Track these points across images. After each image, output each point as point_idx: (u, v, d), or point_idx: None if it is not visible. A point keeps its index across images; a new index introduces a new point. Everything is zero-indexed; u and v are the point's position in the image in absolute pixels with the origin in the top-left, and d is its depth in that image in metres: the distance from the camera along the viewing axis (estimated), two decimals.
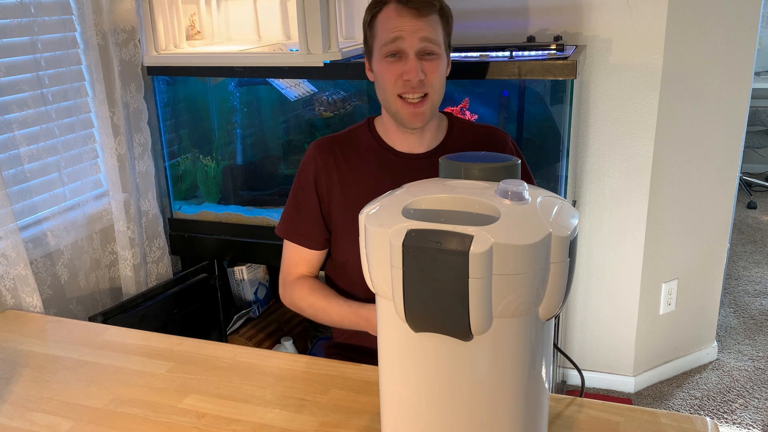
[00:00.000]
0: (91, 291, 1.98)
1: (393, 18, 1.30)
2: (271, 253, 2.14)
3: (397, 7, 1.29)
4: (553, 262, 0.78)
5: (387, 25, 1.30)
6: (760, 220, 4.19)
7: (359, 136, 1.44)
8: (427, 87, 1.31)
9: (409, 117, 1.33)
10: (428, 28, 1.30)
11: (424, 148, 1.41)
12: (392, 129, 1.40)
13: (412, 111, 1.32)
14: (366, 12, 1.35)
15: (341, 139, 1.45)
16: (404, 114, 1.33)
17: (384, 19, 1.31)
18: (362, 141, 1.43)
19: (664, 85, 2.19)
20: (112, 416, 1.17)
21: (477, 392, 0.82)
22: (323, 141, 1.45)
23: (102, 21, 1.89)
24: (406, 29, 1.29)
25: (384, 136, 1.42)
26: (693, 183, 2.39)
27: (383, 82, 1.33)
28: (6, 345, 1.43)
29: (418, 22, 1.29)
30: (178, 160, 2.28)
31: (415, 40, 1.29)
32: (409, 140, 1.40)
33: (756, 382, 2.55)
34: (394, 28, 1.29)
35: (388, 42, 1.30)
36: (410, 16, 1.29)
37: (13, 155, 1.74)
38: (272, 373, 1.27)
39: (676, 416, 1.09)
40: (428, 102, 1.33)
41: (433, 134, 1.41)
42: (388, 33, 1.30)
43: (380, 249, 0.80)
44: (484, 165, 0.90)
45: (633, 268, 2.40)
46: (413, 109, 1.32)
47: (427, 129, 1.39)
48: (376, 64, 1.35)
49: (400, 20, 1.29)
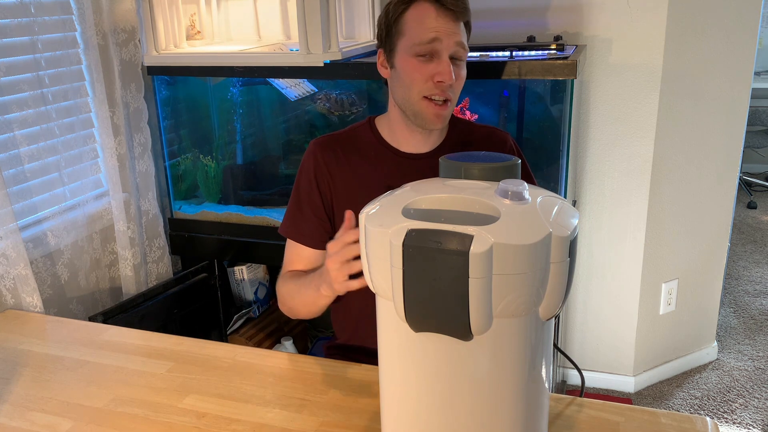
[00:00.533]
0: (91, 291, 1.98)
1: (432, 18, 1.27)
2: (271, 253, 2.14)
3: (436, 8, 1.27)
4: (553, 262, 0.78)
5: (424, 24, 1.27)
6: (760, 220, 4.19)
7: (360, 135, 1.43)
8: (453, 92, 1.31)
9: (433, 117, 1.32)
10: (461, 34, 1.30)
11: (427, 148, 1.40)
12: (400, 128, 1.39)
13: (437, 112, 1.31)
14: (393, 6, 1.31)
15: (342, 137, 1.44)
16: (428, 114, 1.31)
17: (419, 17, 1.28)
18: (363, 140, 1.42)
19: (664, 85, 2.19)
20: (112, 416, 1.17)
21: (477, 392, 0.82)
22: (323, 139, 1.44)
23: (102, 21, 1.89)
24: (443, 31, 1.27)
25: (386, 135, 1.41)
26: (693, 183, 2.39)
27: (410, 82, 1.31)
28: (6, 345, 1.43)
29: (455, 26, 1.28)
30: (178, 160, 2.28)
31: (452, 43, 1.28)
32: (415, 140, 1.39)
33: (756, 382, 2.55)
34: (433, 29, 1.27)
35: (425, 42, 1.27)
36: (449, 18, 1.27)
37: (13, 155, 1.74)
38: (272, 373, 1.27)
39: (676, 416, 1.09)
40: (450, 106, 1.32)
41: (437, 135, 1.41)
42: (425, 32, 1.27)
43: (380, 249, 0.80)
44: (484, 165, 0.90)
45: (633, 268, 2.40)
46: (438, 110, 1.31)
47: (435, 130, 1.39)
48: (402, 62, 1.31)
49: (439, 21, 1.27)
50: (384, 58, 1.36)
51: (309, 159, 1.42)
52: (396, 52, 1.32)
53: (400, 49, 1.31)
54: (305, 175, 1.42)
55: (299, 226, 1.42)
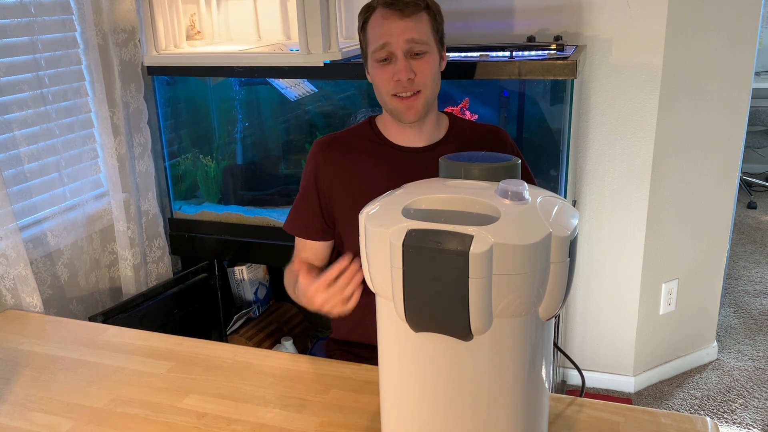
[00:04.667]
0: (91, 291, 1.98)
1: (380, 23, 1.35)
2: (271, 253, 2.14)
3: (383, 12, 1.34)
4: (553, 262, 0.78)
5: (375, 31, 1.36)
6: (760, 220, 4.19)
7: (361, 134, 1.50)
8: (418, 85, 1.36)
9: (404, 111, 1.38)
10: (415, 28, 1.34)
11: (423, 142, 1.45)
12: (392, 125, 1.46)
13: (406, 105, 1.37)
14: (358, 18, 1.41)
15: (343, 137, 1.51)
16: (399, 109, 1.39)
17: (373, 25, 1.37)
18: (364, 138, 1.48)
19: (664, 85, 2.19)
20: (112, 416, 1.17)
21: (477, 392, 0.82)
22: (325, 139, 1.51)
23: (102, 21, 1.89)
24: (392, 32, 1.33)
25: (385, 132, 1.48)
26: (693, 183, 2.39)
27: (378, 85, 1.40)
28: (6, 345, 1.43)
29: (403, 23, 1.33)
30: (178, 160, 2.28)
31: (402, 42, 1.34)
32: (407, 134, 1.45)
33: (756, 382, 2.55)
34: (382, 34, 1.34)
35: (378, 48, 1.35)
36: (395, 18, 1.33)
37: (13, 155, 1.74)
38: (272, 373, 1.27)
39: (676, 416, 1.09)
40: (421, 97, 1.38)
41: (431, 129, 1.46)
42: (377, 39, 1.35)
43: (380, 249, 0.80)
44: (484, 165, 0.90)
45: (633, 268, 2.40)
46: (407, 103, 1.37)
47: (425, 123, 1.44)
48: (371, 68, 1.41)
49: (386, 24, 1.34)
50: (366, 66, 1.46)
51: (311, 159, 1.50)
52: (368, 59, 1.42)
53: (369, 57, 1.41)
54: (306, 174, 1.50)
55: (296, 220, 1.51)
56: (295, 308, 2.47)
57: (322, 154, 1.47)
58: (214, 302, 2.18)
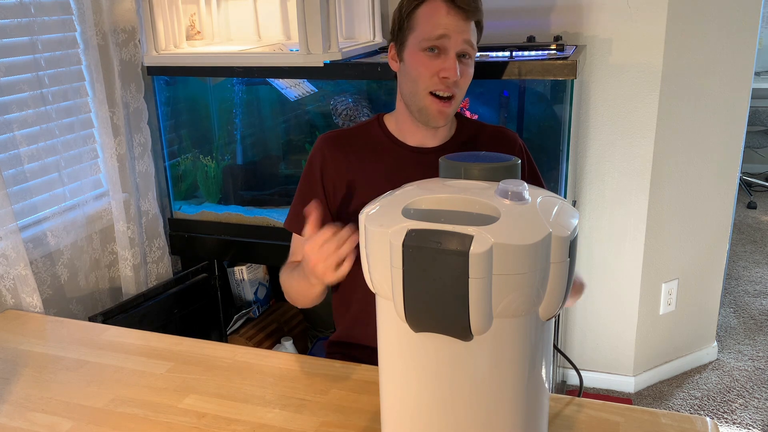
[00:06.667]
0: (91, 291, 1.98)
1: (442, 15, 1.30)
2: (271, 253, 2.14)
3: (447, 5, 1.30)
4: (553, 262, 0.78)
5: (434, 20, 1.30)
6: (760, 220, 4.19)
7: (369, 131, 1.46)
8: (457, 88, 1.33)
9: (436, 114, 1.34)
10: (471, 32, 1.32)
11: (435, 142, 1.42)
12: (407, 123, 1.41)
13: (440, 108, 1.33)
14: (407, 2, 1.34)
15: (350, 133, 1.46)
16: (432, 110, 1.34)
17: (430, 13, 1.31)
18: (372, 135, 1.45)
19: (664, 85, 2.19)
20: (112, 416, 1.17)
21: (477, 392, 0.82)
22: (331, 134, 1.46)
23: (102, 21, 1.89)
24: (454, 28, 1.30)
25: (393, 130, 1.44)
26: (693, 183, 2.39)
27: (416, 76, 1.33)
28: (6, 345, 1.43)
29: (464, 24, 1.30)
30: (178, 160, 2.28)
31: (459, 41, 1.30)
32: (421, 134, 1.41)
33: (756, 382, 2.55)
34: (442, 25, 1.30)
35: (433, 37, 1.30)
36: (458, 17, 1.30)
37: (13, 155, 1.74)
38: (272, 373, 1.27)
39: (676, 416, 1.09)
40: (454, 104, 1.34)
41: (444, 130, 1.43)
42: (434, 28, 1.30)
43: (380, 249, 0.80)
44: (484, 165, 0.90)
45: (633, 268, 2.40)
46: (442, 106, 1.33)
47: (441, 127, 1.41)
48: (410, 56, 1.34)
49: (449, 18, 1.30)
50: (395, 52, 1.40)
51: (316, 154, 1.44)
52: (406, 46, 1.35)
53: (409, 44, 1.34)
54: (310, 169, 1.44)
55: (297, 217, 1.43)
56: (295, 308, 2.48)
57: (329, 149, 1.42)
58: (214, 302, 2.18)
